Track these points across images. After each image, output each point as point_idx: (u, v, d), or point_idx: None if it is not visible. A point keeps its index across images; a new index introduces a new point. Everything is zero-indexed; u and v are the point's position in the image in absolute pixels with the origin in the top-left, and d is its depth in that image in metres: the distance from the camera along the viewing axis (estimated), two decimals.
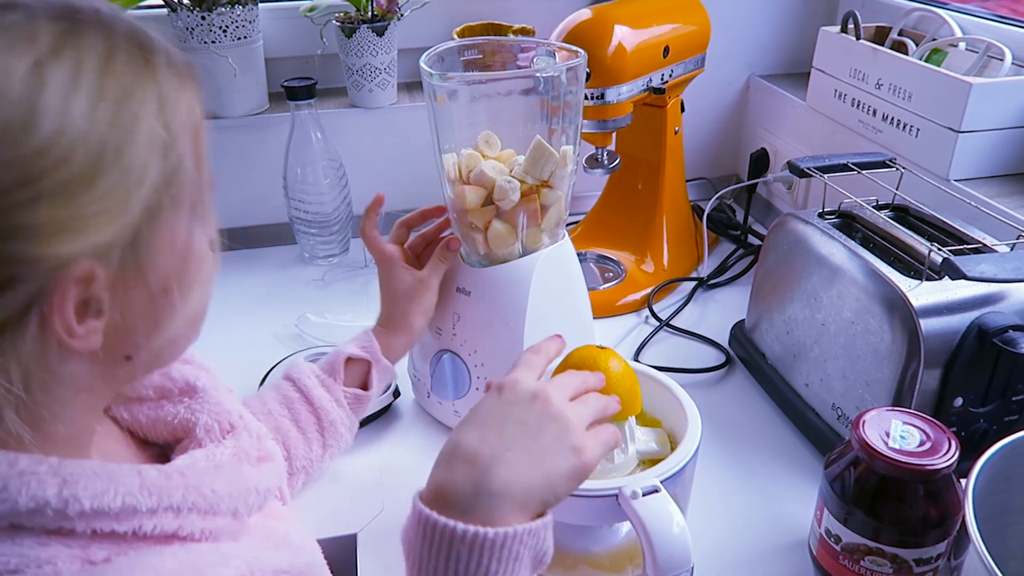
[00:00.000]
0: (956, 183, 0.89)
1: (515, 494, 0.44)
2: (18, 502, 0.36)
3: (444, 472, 0.46)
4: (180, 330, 0.44)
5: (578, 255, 0.84)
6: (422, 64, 0.71)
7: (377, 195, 0.79)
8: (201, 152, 0.42)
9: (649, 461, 0.61)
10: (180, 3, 1.06)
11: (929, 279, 0.69)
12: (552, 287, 0.79)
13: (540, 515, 0.46)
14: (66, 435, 0.41)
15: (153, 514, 0.41)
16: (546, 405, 0.47)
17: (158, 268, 0.40)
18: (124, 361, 0.42)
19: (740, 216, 1.24)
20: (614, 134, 0.98)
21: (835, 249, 0.76)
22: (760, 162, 1.25)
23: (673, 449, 0.60)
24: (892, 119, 0.98)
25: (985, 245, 0.73)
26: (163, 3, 1.07)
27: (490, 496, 0.44)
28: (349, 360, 0.76)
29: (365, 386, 0.76)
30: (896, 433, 0.59)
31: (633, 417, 0.61)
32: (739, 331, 0.94)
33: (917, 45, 1.05)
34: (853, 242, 0.76)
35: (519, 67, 0.79)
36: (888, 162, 0.86)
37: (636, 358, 0.95)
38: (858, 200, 0.81)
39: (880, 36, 1.11)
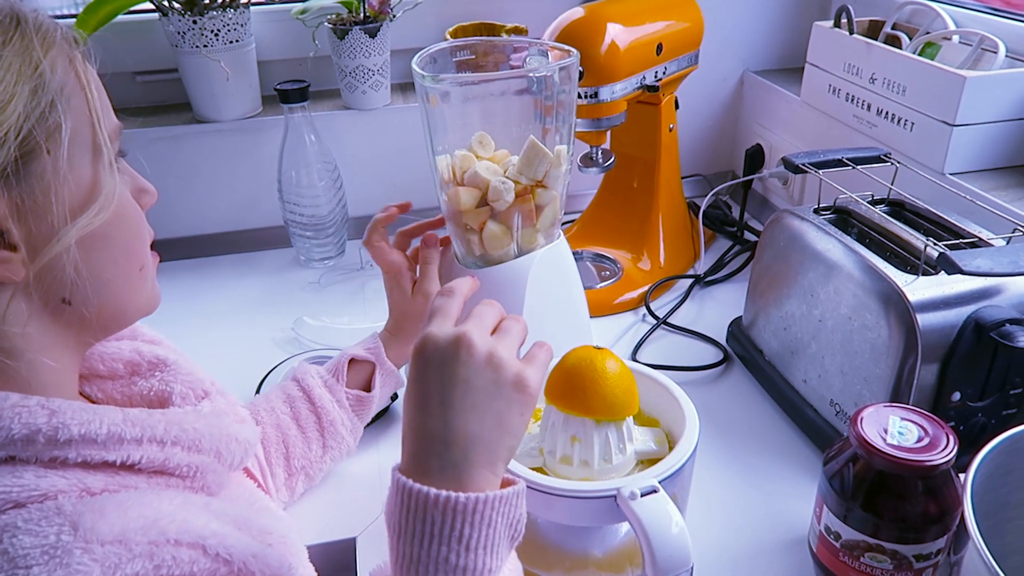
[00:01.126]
0: (951, 177, 0.89)
1: (479, 456, 0.45)
2: (12, 429, 0.39)
3: (411, 447, 0.46)
4: (113, 274, 0.46)
5: (574, 254, 0.84)
6: (414, 66, 0.71)
7: (389, 210, 0.79)
8: (87, 93, 0.44)
9: (647, 461, 0.61)
10: (171, 7, 1.06)
11: (925, 274, 0.69)
12: (548, 287, 0.79)
13: (511, 483, 0.46)
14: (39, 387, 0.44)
15: (139, 444, 0.43)
16: (472, 352, 0.46)
17: (58, 200, 0.42)
18: (65, 305, 0.44)
19: (736, 212, 1.24)
20: (608, 132, 0.98)
21: (831, 245, 0.76)
22: (755, 158, 1.24)
23: (671, 448, 0.60)
24: (886, 113, 0.98)
25: (981, 239, 0.73)
26: (154, 7, 1.06)
27: (455, 465, 0.44)
28: (354, 362, 0.76)
29: (369, 389, 0.76)
30: (894, 429, 0.59)
31: (631, 417, 0.61)
32: (736, 328, 0.94)
33: (910, 39, 1.05)
34: (849, 237, 0.76)
35: (512, 67, 0.79)
36: (883, 157, 0.86)
37: (634, 356, 0.95)
38: (853, 195, 0.81)
39: (873, 30, 1.11)
